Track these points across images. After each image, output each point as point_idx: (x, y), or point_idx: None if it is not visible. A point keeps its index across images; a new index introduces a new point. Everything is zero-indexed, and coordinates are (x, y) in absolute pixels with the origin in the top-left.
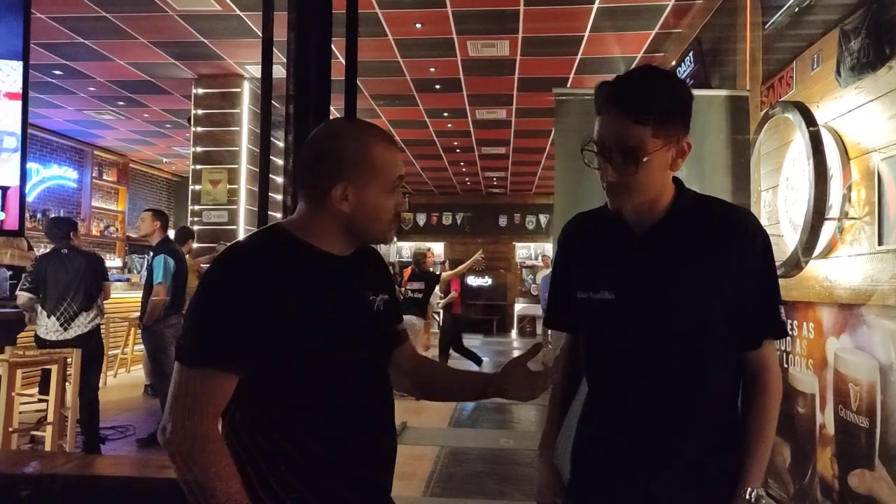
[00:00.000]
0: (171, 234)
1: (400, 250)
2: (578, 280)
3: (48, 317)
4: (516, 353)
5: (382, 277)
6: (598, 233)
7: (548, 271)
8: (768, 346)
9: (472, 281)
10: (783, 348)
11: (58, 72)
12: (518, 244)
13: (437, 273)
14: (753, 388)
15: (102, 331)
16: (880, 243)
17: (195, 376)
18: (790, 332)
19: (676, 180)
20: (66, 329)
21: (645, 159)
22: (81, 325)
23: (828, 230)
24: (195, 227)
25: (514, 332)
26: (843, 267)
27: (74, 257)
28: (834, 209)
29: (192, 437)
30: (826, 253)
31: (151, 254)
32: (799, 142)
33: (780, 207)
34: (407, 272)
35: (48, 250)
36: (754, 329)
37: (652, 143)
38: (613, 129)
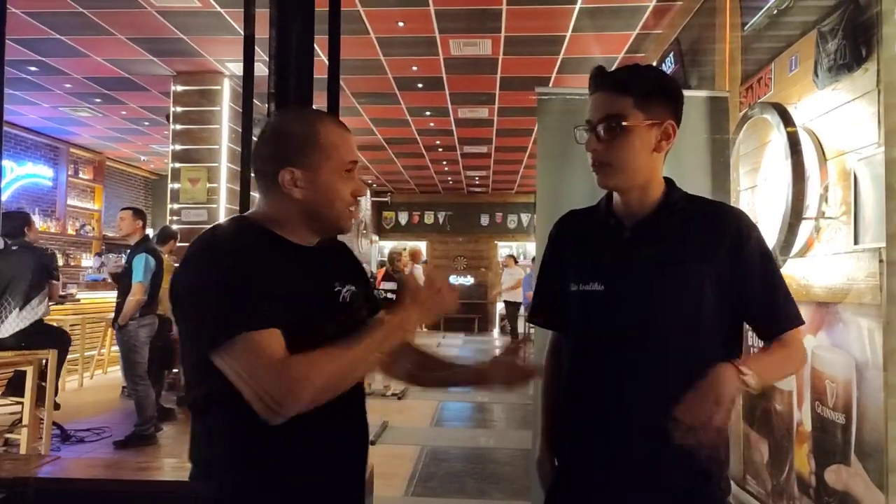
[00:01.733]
0: (150, 232)
1: (381, 249)
2: (571, 273)
3: None
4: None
5: (350, 268)
6: (590, 227)
7: (518, 270)
8: (792, 334)
9: (454, 280)
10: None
11: (33, 68)
12: (500, 243)
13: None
14: (785, 345)
15: (78, 331)
16: (856, 242)
17: (246, 343)
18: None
19: (669, 180)
20: None
21: (625, 123)
22: (16, 322)
23: (805, 229)
24: (174, 226)
25: (495, 331)
26: (820, 266)
27: (19, 253)
28: (811, 209)
29: (298, 383)
30: (803, 252)
31: (130, 252)
32: (777, 142)
33: (759, 207)
34: (380, 272)
35: None
36: (775, 321)
37: (634, 115)
38: (600, 103)
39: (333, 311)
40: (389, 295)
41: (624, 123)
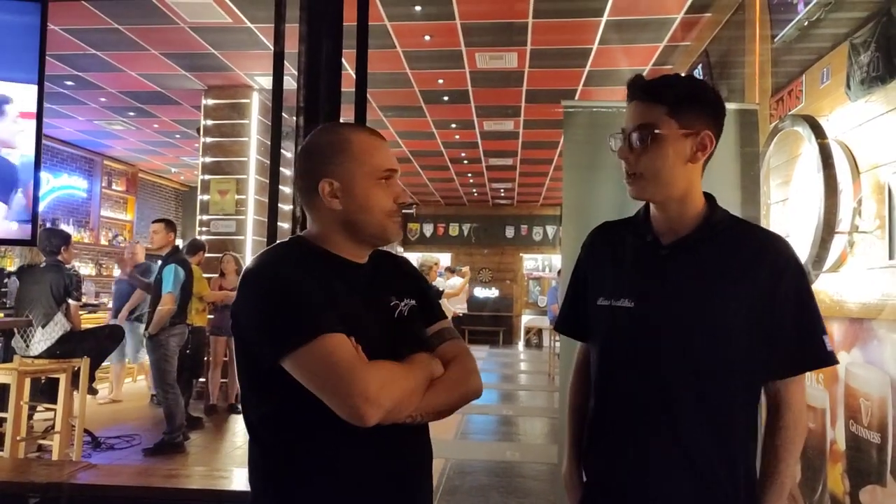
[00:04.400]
0: (179, 242)
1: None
2: (601, 287)
3: (18, 332)
4: (523, 366)
5: (407, 283)
6: (625, 240)
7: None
8: (796, 381)
9: (479, 292)
10: None
11: (69, 82)
12: (525, 255)
13: (441, 290)
14: (777, 421)
15: None
16: (891, 257)
17: (326, 343)
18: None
19: (710, 196)
20: (27, 346)
21: (657, 132)
22: (42, 340)
23: (838, 244)
24: (203, 237)
25: (520, 344)
26: (854, 281)
27: (45, 272)
28: (844, 223)
29: (377, 392)
30: (836, 267)
31: (161, 263)
32: (808, 155)
33: (790, 220)
34: None
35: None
36: (791, 360)
37: (666, 123)
38: (634, 112)
39: (391, 327)
40: None
41: (656, 132)
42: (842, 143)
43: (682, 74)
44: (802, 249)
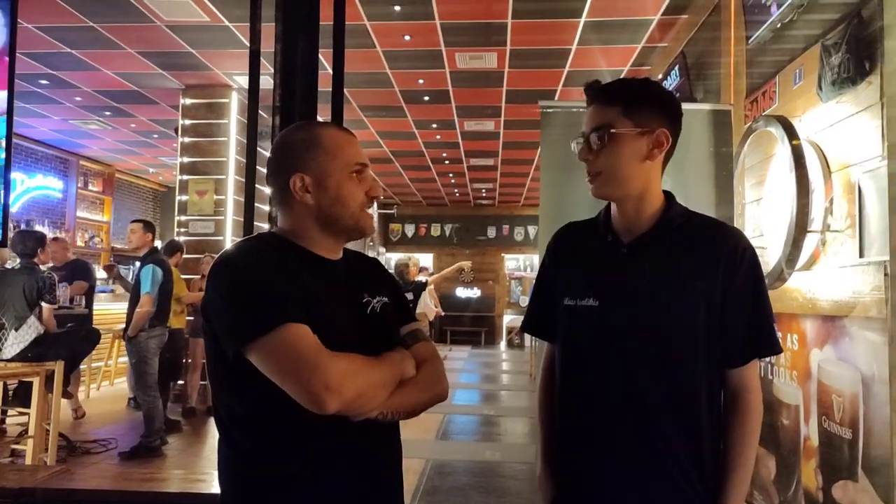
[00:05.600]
0: (158, 244)
1: (388, 261)
2: (566, 287)
3: None
4: (504, 366)
5: (380, 280)
6: (588, 241)
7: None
8: (752, 366)
9: (461, 292)
10: (768, 360)
11: (43, 81)
12: (507, 255)
13: (424, 281)
14: (734, 408)
15: None
16: (861, 255)
17: (287, 333)
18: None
19: (668, 194)
20: (0, 349)
21: (613, 131)
22: (15, 343)
23: (810, 243)
24: (181, 238)
25: (502, 344)
26: (826, 279)
27: (18, 274)
28: (816, 222)
29: (338, 380)
30: (809, 265)
31: (139, 264)
32: (781, 155)
33: (764, 220)
34: None
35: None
36: (742, 347)
37: (620, 122)
38: (591, 115)
39: (363, 323)
40: None
41: (612, 131)
42: (814, 144)
43: (639, 77)
44: (776, 248)
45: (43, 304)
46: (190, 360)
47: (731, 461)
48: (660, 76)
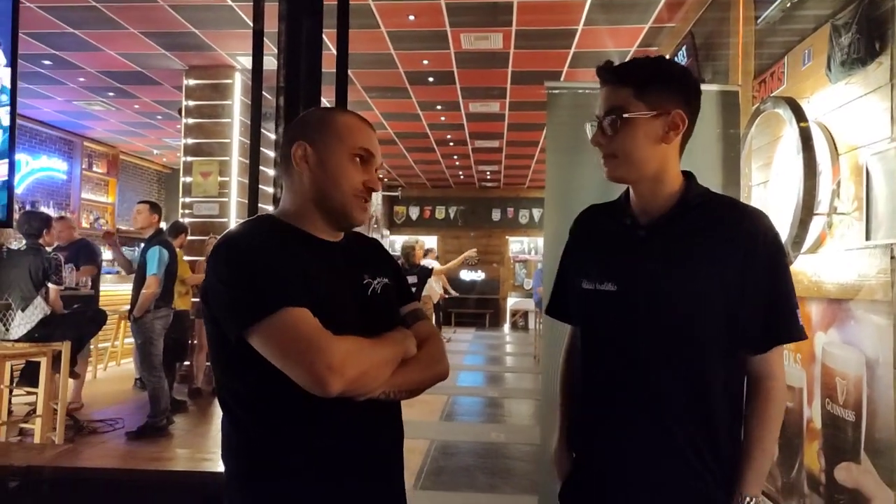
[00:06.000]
0: (164, 225)
1: (392, 244)
2: (586, 270)
3: None
4: (509, 348)
5: (380, 261)
6: (607, 224)
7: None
8: (776, 352)
9: (465, 275)
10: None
11: (47, 62)
12: (511, 238)
13: (430, 268)
14: (757, 395)
15: None
16: (868, 238)
17: (288, 316)
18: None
19: (688, 174)
20: (7, 330)
21: (626, 115)
22: (22, 324)
23: (817, 225)
24: (186, 220)
25: (506, 326)
26: (832, 262)
27: (24, 255)
28: (823, 204)
29: (341, 361)
30: (815, 248)
31: (144, 245)
32: (789, 137)
33: (771, 202)
34: None
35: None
36: (764, 333)
37: (634, 105)
38: (604, 97)
39: (363, 304)
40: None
41: (625, 115)
42: (822, 125)
43: (652, 56)
44: (782, 230)
45: (49, 284)
46: (196, 341)
47: (750, 447)
48: (667, 56)
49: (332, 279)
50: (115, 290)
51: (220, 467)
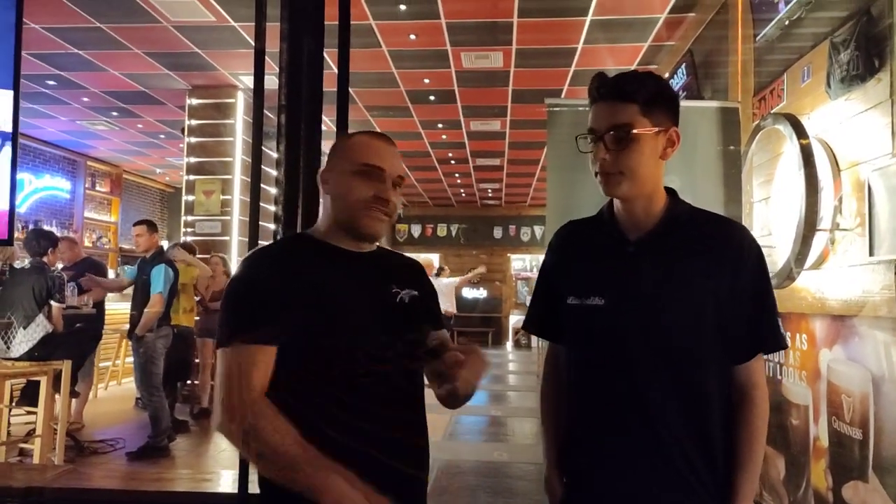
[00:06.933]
0: (165, 244)
1: None
2: (570, 286)
3: None
4: (511, 366)
5: (409, 274)
6: (591, 239)
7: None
8: (757, 361)
9: (468, 293)
10: (776, 360)
11: (51, 82)
12: (513, 256)
13: (444, 282)
14: (742, 405)
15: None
16: (871, 254)
17: (231, 354)
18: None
19: (670, 190)
20: (8, 348)
21: (634, 131)
22: (23, 342)
23: (819, 241)
24: (188, 238)
25: (509, 344)
26: (835, 278)
27: (28, 273)
28: (825, 220)
29: (242, 410)
30: (818, 264)
31: (144, 263)
32: (790, 153)
33: (773, 218)
34: None
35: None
36: (748, 343)
37: (641, 122)
38: (606, 112)
39: (388, 310)
40: None
41: (634, 132)
42: (822, 142)
43: (642, 71)
44: (785, 247)
45: (52, 303)
46: (199, 361)
47: (740, 458)
48: (667, 74)
49: (351, 286)
50: (116, 309)
51: (222, 488)
